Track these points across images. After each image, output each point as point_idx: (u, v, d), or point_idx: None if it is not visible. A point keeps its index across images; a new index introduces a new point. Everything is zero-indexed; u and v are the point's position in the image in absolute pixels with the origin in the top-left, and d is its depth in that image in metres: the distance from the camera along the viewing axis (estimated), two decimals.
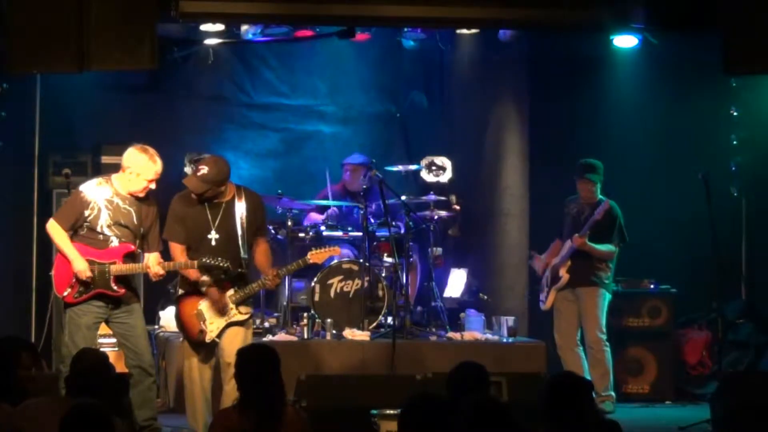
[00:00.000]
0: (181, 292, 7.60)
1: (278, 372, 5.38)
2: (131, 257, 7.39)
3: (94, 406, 4.60)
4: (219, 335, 7.47)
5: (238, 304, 7.49)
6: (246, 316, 7.53)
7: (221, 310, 7.43)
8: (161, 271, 7.39)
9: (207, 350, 7.56)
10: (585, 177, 8.99)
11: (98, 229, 7.32)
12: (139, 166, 7.35)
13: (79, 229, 7.36)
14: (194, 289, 7.49)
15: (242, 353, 5.51)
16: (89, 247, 7.33)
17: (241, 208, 7.50)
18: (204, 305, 7.47)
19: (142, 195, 7.40)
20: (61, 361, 7.46)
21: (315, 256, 7.80)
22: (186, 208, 7.53)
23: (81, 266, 7.25)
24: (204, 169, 7.39)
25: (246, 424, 5.21)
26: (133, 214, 7.39)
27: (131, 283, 7.51)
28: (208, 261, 7.31)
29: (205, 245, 7.46)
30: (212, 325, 7.47)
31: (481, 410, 4.54)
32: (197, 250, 7.45)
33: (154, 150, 7.42)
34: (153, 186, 7.40)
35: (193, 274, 7.42)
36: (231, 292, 7.48)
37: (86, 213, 7.32)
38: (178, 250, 7.48)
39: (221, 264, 7.31)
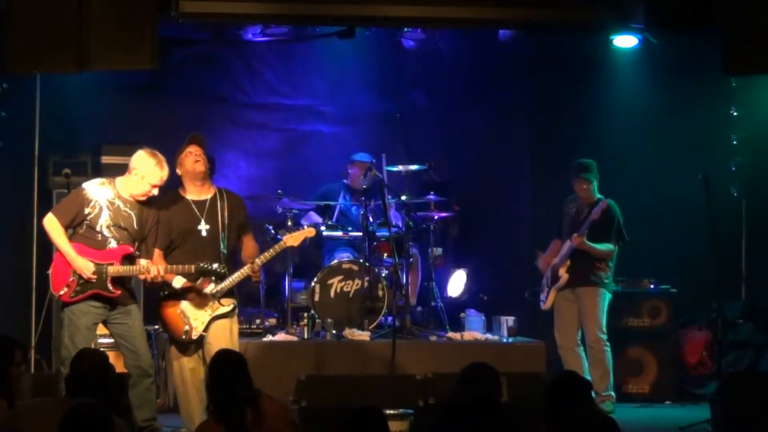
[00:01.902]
0: (163, 293, 7.63)
1: (246, 375, 5.41)
2: (129, 259, 7.39)
3: (94, 406, 4.60)
4: (205, 330, 7.51)
5: (219, 297, 7.52)
6: (229, 307, 7.58)
7: (202, 302, 7.47)
8: (159, 272, 7.38)
9: (195, 349, 7.58)
10: (581, 176, 8.97)
11: (97, 228, 7.32)
12: (145, 170, 7.37)
13: (78, 227, 7.36)
14: (175, 290, 7.55)
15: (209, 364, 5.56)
16: (88, 247, 7.33)
17: (223, 206, 7.61)
18: (186, 303, 7.54)
19: (143, 199, 7.41)
20: (61, 362, 7.45)
21: (290, 239, 7.81)
22: (172, 207, 7.63)
23: (81, 263, 7.26)
24: (193, 144, 7.60)
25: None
26: (134, 218, 7.40)
27: (128, 285, 7.52)
28: (205, 266, 7.35)
29: (195, 237, 7.56)
30: (196, 321, 7.52)
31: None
32: (186, 244, 7.54)
33: (163, 157, 7.45)
34: (155, 192, 7.43)
35: (169, 277, 7.49)
36: (211, 286, 7.52)
37: (86, 211, 7.32)
38: (156, 254, 7.53)
39: (219, 270, 7.37)
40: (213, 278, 7.54)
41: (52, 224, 7.36)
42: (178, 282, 7.51)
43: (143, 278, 7.47)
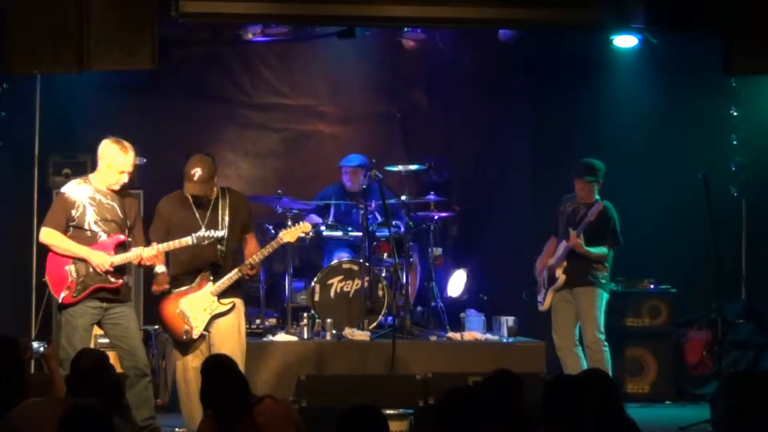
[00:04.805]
0: (164, 291, 7.64)
1: (238, 380, 5.41)
2: (123, 248, 7.40)
3: (94, 406, 4.59)
4: (206, 329, 7.52)
5: (218, 296, 7.53)
6: (228, 306, 7.57)
7: (201, 301, 7.48)
8: (153, 253, 7.39)
9: (198, 348, 7.57)
10: (583, 179, 8.94)
11: (85, 226, 7.32)
12: (110, 158, 7.37)
13: (66, 230, 7.36)
14: (173, 288, 7.56)
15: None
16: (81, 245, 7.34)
17: (225, 205, 7.61)
18: (184, 303, 7.55)
19: (116, 188, 7.40)
20: (59, 364, 7.45)
21: (286, 234, 7.80)
22: (173, 208, 7.64)
23: (99, 259, 7.27)
24: (198, 171, 7.48)
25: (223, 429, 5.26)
26: (117, 208, 7.41)
27: (124, 277, 7.53)
28: (202, 234, 7.35)
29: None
30: (196, 321, 7.53)
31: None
32: (187, 248, 7.50)
33: (129, 144, 7.44)
34: (125, 178, 7.41)
35: (156, 260, 7.50)
36: (210, 285, 7.52)
37: (73, 213, 7.33)
38: (156, 248, 7.52)
39: (216, 235, 7.37)
40: (211, 278, 7.55)
41: (51, 234, 7.35)
42: (160, 268, 7.52)
43: (137, 263, 7.48)
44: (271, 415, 5.37)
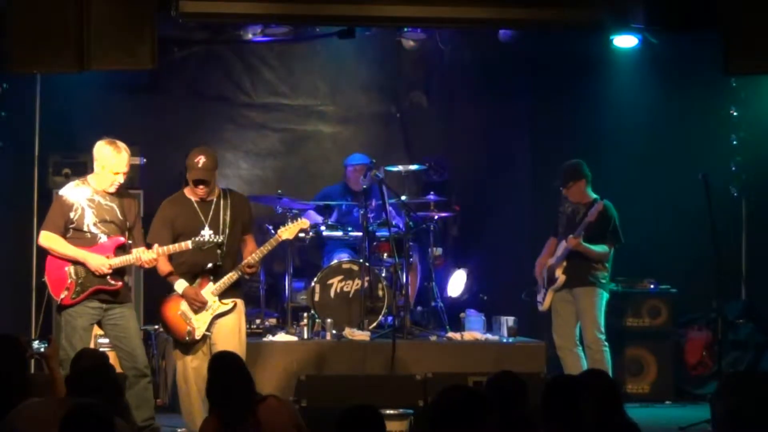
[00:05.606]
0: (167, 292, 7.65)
1: (243, 377, 5.42)
2: (123, 250, 7.40)
3: (94, 406, 4.59)
4: (208, 329, 7.52)
5: (219, 296, 7.55)
6: (229, 306, 7.58)
7: (200, 309, 7.50)
8: (153, 256, 7.39)
9: (199, 348, 7.58)
10: (570, 186, 8.92)
11: (85, 228, 7.32)
12: (105, 158, 7.37)
13: (65, 232, 7.35)
14: (174, 290, 7.58)
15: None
16: (80, 248, 7.33)
17: (226, 206, 7.63)
18: (186, 304, 7.57)
19: (112, 190, 7.40)
20: (59, 364, 7.45)
21: (285, 231, 7.80)
22: (176, 210, 7.64)
23: (97, 262, 7.26)
24: (202, 159, 7.51)
25: (226, 428, 5.28)
26: (116, 209, 7.41)
27: (124, 278, 7.53)
28: (201, 239, 7.35)
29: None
30: (198, 322, 7.54)
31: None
32: (187, 250, 7.49)
33: (124, 144, 7.43)
34: (121, 179, 7.40)
35: (163, 269, 7.52)
36: (210, 286, 7.53)
37: (71, 215, 7.33)
38: (159, 251, 7.52)
39: (215, 240, 7.37)
40: (211, 278, 7.56)
41: (50, 238, 7.34)
42: (180, 287, 7.52)
43: (139, 265, 7.49)
44: (273, 414, 5.38)
